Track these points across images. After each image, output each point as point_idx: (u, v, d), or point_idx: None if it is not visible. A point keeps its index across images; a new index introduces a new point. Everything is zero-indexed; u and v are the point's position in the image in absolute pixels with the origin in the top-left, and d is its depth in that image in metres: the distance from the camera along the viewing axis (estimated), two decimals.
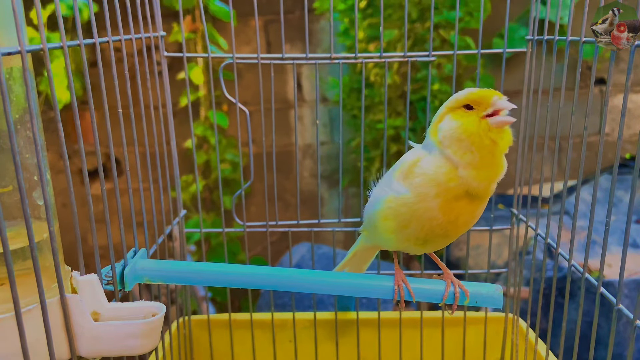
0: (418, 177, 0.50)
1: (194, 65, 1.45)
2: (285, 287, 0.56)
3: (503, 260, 1.24)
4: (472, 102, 0.48)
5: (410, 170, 0.51)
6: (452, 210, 0.49)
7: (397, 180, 0.52)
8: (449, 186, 0.48)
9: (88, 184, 0.44)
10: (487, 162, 0.48)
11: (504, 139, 0.47)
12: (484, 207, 0.52)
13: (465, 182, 0.48)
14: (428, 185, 0.49)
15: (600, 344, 1.04)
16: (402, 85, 1.35)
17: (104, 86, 0.46)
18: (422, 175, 0.49)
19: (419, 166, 0.50)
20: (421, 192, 0.49)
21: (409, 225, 0.51)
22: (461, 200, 0.49)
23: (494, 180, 0.49)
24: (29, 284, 0.40)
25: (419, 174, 0.50)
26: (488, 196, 0.50)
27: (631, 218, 0.43)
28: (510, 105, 0.47)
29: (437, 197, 0.48)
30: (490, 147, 0.47)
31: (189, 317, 0.78)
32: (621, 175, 1.36)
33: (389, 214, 0.52)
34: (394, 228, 0.52)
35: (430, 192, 0.49)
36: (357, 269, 0.67)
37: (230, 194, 1.50)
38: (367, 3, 1.32)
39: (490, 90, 0.48)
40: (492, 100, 0.47)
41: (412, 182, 0.50)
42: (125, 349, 0.44)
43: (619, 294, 0.45)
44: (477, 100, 0.47)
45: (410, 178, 0.50)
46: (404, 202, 0.50)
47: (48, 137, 0.46)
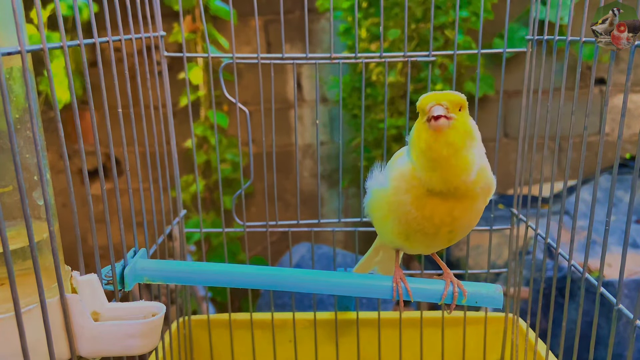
0: (394, 171, 0.53)
1: (194, 65, 1.45)
2: (285, 287, 0.56)
3: (503, 260, 1.24)
4: (419, 109, 0.50)
5: (391, 164, 0.54)
6: (425, 207, 0.50)
7: (383, 173, 0.55)
8: (413, 183, 0.50)
9: (88, 184, 0.44)
10: (439, 165, 0.48)
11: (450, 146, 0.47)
12: (472, 211, 0.51)
13: (422, 182, 0.49)
14: (400, 179, 0.51)
15: (600, 344, 1.04)
16: (405, 84, 1.35)
17: (104, 86, 0.46)
18: (397, 170, 0.52)
19: (396, 161, 0.54)
20: (395, 185, 0.52)
21: (388, 217, 0.53)
22: (433, 198, 0.50)
23: (453, 182, 0.48)
24: (29, 284, 0.40)
25: (395, 168, 0.53)
26: (469, 198, 0.50)
27: (631, 218, 0.43)
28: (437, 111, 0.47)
29: (408, 191, 0.51)
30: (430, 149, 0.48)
31: (189, 317, 0.78)
32: (621, 175, 1.36)
33: (375, 205, 0.55)
34: (379, 219, 0.55)
35: (402, 186, 0.51)
36: (386, 270, 0.67)
37: (231, 194, 1.50)
38: (370, 2, 1.32)
39: (431, 96, 0.48)
40: (427, 106, 0.48)
41: (390, 175, 0.53)
42: (125, 349, 0.44)
43: (619, 294, 0.45)
44: (421, 106, 0.49)
45: (389, 171, 0.54)
46: (383, 194, 0.53)
47: (48, 137, 0.46)
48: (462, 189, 0.49)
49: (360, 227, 0.79)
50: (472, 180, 0.49)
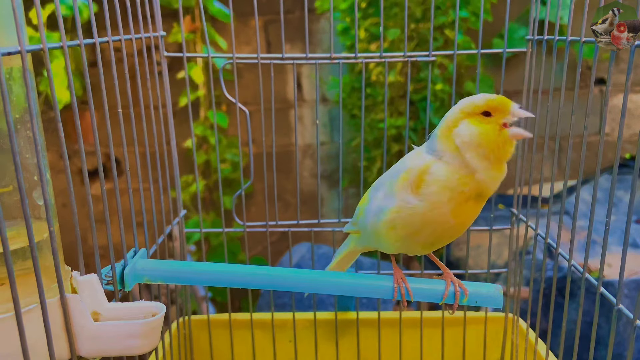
0: (431, 185, 0.49)
1: (193, 65, 1.45)
2: (285, 287, 0.56)
3: (503, 260, 1.24)
4: (490, 109, 0.48)
5: (422, 179, 0.50)
6: (463, 213, 0.50)
7: (404, 189, 0.51)
8: (463, 190, 0.49)
9: (88, 184, 0.44)
10: (498, 166, 0.50)
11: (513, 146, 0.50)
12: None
13: (480, 186, 0.49)
14: (442, 192, 0.49)
15: (600, 344, 1.04)
16: (405, 84, 1.35)
17: (104, 86, 0.46)
18: (436, 183, 0.49)
19: (431, 174, 0.50)
20: (435, 200, 0.49)
21: (420, 233, 0.51)
22: (470, 202, 0.50)
23: (500, 181, 0.51)
24: (29, 284, 0.40)
25: (431, 182, 0.49)
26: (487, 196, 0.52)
27: (631, 218, 0.43)
28: (529, 114, 0.48)
29: (450, 202, 0.49)
30: (504, 155, 0.49)
31: (189, 317, 0.78)
32: (621, 175, 1.36)
33: (397, 224, 0.51)
34: (402, 236, 0.52)
35: (444, 199, 0.49)
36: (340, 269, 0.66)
37: (231, 194, 1.50)
38: (369, 2, 1.32)
39: (507, 99, 0.49)
40: (510, 108, 0.48)
41: (424, 191, 0.50)
42: (125, 349, 0.44)
43: (619, 294, 0.45)
44: (497, 107, 0.48)
45: (422, 187, 0.50)
46: (416, 212, 0.50)
47: (48, 137, 0.46)
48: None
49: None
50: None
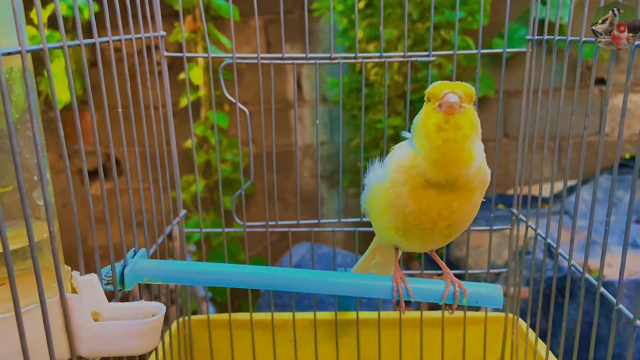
0: (392, 163, 0.52)
1: (194, 65, 1.45)
2: (285, 287, 0.56)
3: (503, 260, 1.24)
4: (430, 96, 0.50)
5: (390, 157, 0.54)
6: (422, 200, 0.50)
7: (380, 167, 0.55)
8: (412, 174, 0.50)
9: (88, 184, 0.44)
10: (442, 153, 0.48)
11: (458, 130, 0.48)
12: (470, 204, 0.51)
13: (422, 171, 0.49)
14: (398, 171, 0.51)
15: (600, 344, 1.04)
16: (403, 84, 1.35)
17: (104, 86, 0.46)
18: (394, 162, 0.52)
19: (395, 153, 0.53)
20: (392, 177, 0.52)
21: (386, 212, 0.53)
22: (429, 190, 0.50)
23: (454, 173, 0.49)
24: (29, 284, 0.40)
25: (393, 161, 0.53)
26: (467, 191, 0.50)
27: (631, 218, 0.43)
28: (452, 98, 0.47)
29: (405, 183, 0.51)
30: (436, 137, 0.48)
31: (189, 317, 0.78)
32: (621, 175, 1.36)
33: (372, 200, 0.55)
34: (376, 214, 0.55)
35: (400, 178, 0.51)
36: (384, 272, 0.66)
37: (231, 194, 1.50)
38: (367, 3, 1.32)
39: (444, 84, 0.49)
40: (441, 93, 0.48)
41: (388, 168, 0.53)
42: (125, 349, 0.44)
43: (619, 294, 0.45)
44: (433, 93, 0.49)
45: (387, 164, 0.53)
46: (381, 187, 0.53)
47: (48, 137, 0.46)
48: (461, 181, 0.49)
49: (360, 227, 0.79)
50: (472, 174, 0.49)
